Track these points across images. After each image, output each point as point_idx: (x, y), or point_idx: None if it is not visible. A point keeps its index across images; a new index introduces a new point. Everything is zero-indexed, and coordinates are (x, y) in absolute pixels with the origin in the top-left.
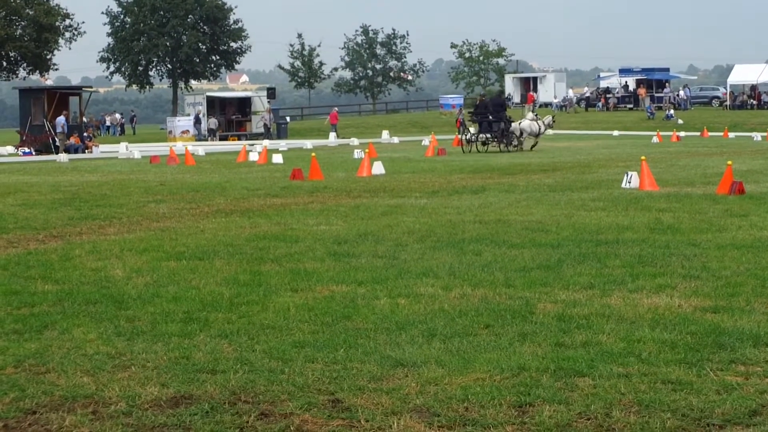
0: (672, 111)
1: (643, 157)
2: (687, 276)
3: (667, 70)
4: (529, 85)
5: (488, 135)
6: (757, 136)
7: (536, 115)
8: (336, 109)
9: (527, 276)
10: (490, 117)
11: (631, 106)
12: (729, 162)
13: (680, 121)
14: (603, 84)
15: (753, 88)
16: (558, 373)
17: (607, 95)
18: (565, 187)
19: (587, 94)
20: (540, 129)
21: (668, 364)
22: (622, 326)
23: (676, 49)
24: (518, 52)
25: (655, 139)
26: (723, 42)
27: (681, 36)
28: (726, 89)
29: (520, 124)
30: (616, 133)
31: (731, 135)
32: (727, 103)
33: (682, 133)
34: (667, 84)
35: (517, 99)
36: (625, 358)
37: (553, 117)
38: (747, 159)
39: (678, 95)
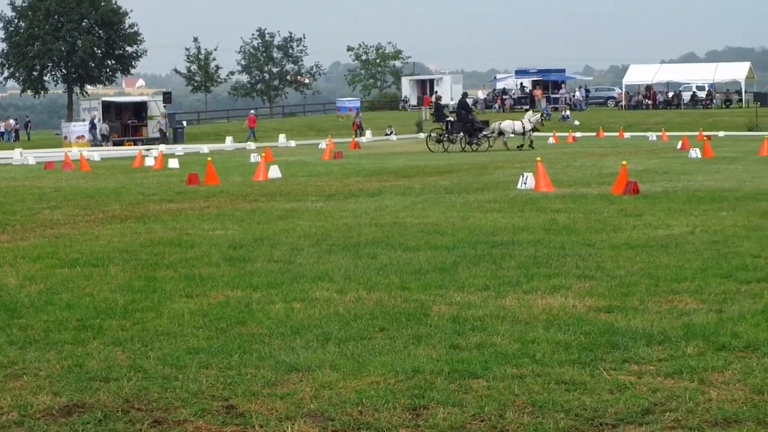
0: (568, 112)
1: (538, 158)
2: (581, 276)
3: (563, 71)
4: (425, 87)
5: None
6: (653, 135)
7: (541, 116)
8: (253, 112)
9: (422, 278)
10: (449, 118)
11: (527, 107)
12: (624, 162)
13: (576, 122)
14: (499, 85)
15: (648, 88)
16: (452, 375)
17: (504, 96)
18: (461, 188)
19: (483, 96)
20: (524, 128)
21: (562, 364)
22: (517, 327)
23: (573, 50)
24: (415, 54)
25: (551, 140)
26: (618, 42)
27: (577, 36)
28: (621, 89)
29: (499, 124)
30: (512, 135)
31: (627, 135)
32: (623, 103)
33: (578, 134)
34: (563, 85)
35: (414, 101)
36: (519, 359)
37: (541, 116)
38: (642, 159)
39: (574, 96)
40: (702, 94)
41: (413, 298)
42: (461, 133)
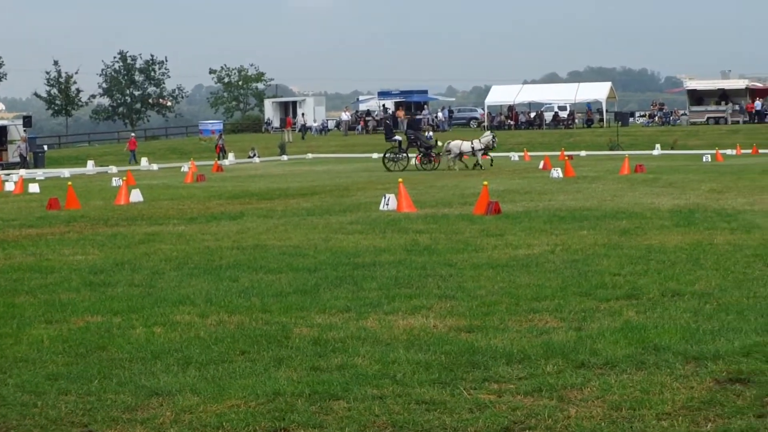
0: (431, 133)
1: (400, 180)
2: (442, 296)
3: (426, 92)
4: (288, 109)
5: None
6: (515, 156)
7: (493, 137)
8: (133, 135)
9: (284, 301)
10: (397, 137)
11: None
12: (485, 182)
13: (439, 143)
14: (362, 107)
15: (510, 108)
16: (313, 397)
17: (367, 118)
18: (324, 210)
19: (347, 118)
20: (473, 147)
21: (422, 384)
22: (378, 348)
23: (436, 71)
24: (278, 77)
25: (414, 161)
26: (481, 63)
27: (440, 57)
28: (484, 110)
29: (448, 144)
30: (375, 155)
31: (489, 155)
32: (485, 123)
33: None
34: (425, 106)
35: (276, 123)
36: (379, 380)
37: (493, 136)
38: (504, 179)
39: (436, 117)
40: (564, 114)
41: (274, 321)
42: (408, 153)
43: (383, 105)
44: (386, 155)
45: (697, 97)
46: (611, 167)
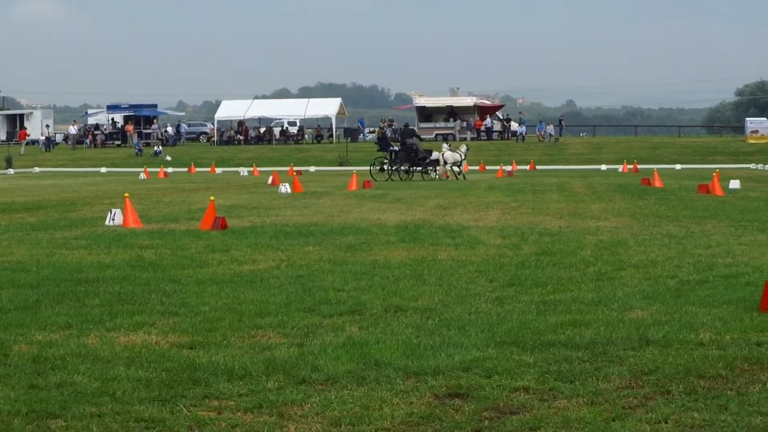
0: (160, 147)
1: (126, 194)
2: (166, 313)
3: (155, 106)
4: (16, 121)
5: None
6: (244, 171)
7: (449, 146)
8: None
9: (3, 318)
10: (394, 147)
11: (119, 142)
12: (212, 198)
13: (168, 158)
14: (91, 120)
15: (240, 123)
16: (30, 415)
17: (96, 132)
18: (48, 225)
19: (75, 131)
20: (461, 158)
21: (142, 402)
22: (98, 366)
23: (166, 85)
24: (5, 89)
25: (142, 176)
26: (212, 78)
27: (170, 72)
28: (214, 125)
29: (443, 154)
30: (104, 170)
31: (219, 170)
32: (215, 138)
33: (170, 170)
34: (155, 120)
35: (2, 136)
36: (99, 397)
37: (467, 146)
38: (232, 194)
39: (166, 131)
40: (294, 130)
41: None
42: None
43: (112, 119)
44: (374, 165)
45: (427, 114)
46: (340, 183)
